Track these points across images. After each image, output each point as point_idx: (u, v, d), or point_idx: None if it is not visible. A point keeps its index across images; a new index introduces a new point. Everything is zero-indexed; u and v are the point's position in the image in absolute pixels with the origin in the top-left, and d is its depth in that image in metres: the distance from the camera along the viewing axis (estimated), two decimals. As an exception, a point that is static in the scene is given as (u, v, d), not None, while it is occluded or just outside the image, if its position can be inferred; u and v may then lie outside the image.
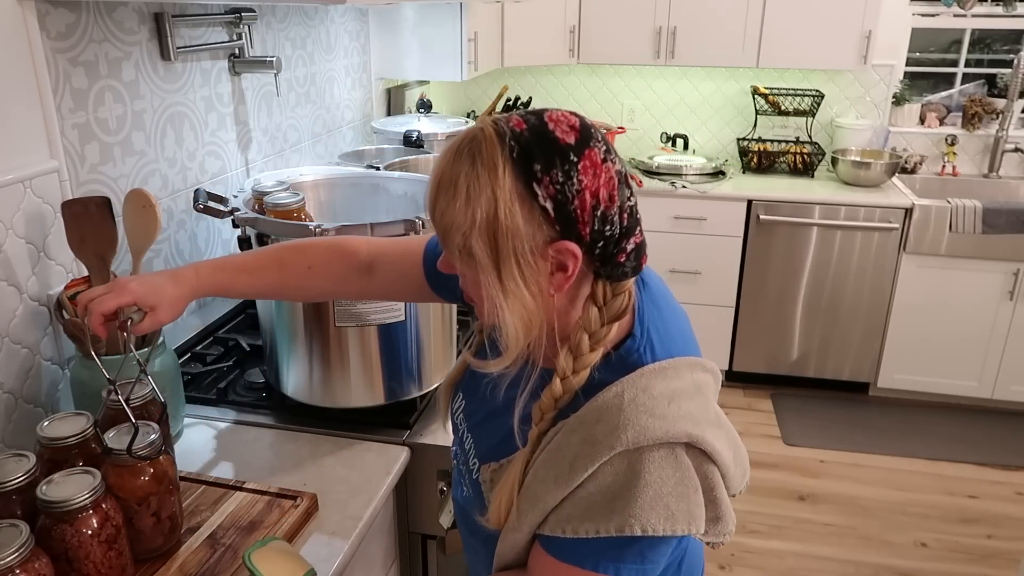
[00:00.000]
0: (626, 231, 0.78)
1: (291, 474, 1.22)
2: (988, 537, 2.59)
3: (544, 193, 0.74)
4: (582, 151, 0.75)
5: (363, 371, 1.30)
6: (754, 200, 3.22)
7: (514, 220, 0.74)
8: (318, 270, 1.06)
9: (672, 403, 0.79)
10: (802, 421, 3.25)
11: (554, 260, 0.77)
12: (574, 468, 0.78)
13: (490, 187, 0.74)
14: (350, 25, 2.40)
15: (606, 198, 0.76)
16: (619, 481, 0.77)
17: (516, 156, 0.74)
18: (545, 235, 0.76)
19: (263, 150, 1.96)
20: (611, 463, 0.77)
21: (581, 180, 0.74)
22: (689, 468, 0.79)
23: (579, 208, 0.75)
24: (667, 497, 0.77)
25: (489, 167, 0.74)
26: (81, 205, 1.21)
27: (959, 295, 3.16)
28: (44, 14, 1.24)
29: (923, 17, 3.50)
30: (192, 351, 1.58)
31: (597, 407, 0.79)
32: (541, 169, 0.74)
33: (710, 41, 3.27)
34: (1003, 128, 3.41)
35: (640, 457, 0.77)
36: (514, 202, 0.74)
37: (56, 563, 0.85)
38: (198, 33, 1.66)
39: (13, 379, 1.21)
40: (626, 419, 0.77)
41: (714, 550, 0.91)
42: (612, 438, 0.77)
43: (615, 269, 0.79)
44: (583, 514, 0.79)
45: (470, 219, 0.75)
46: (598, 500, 0.78)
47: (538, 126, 0.76)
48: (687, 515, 0.79)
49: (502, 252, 0.75)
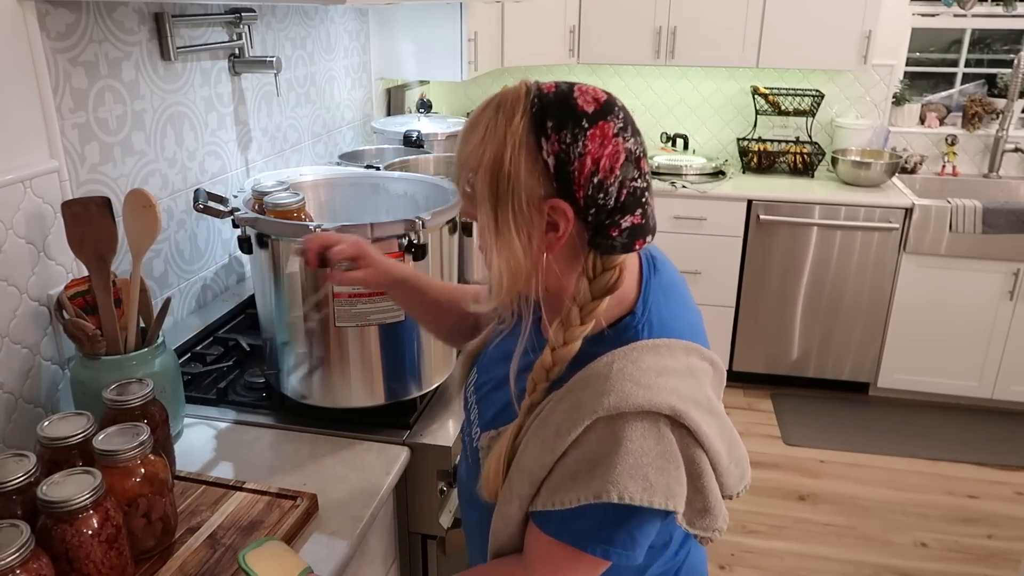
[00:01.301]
0: (623, 207, 0.80)
1: (291, 474, 1.22)
2: (988, 537, 2.59)
3: (549, 148, 0.78)
4: (596, 121, 0.79)
5: (363, 371, 1.30)
6: (754, 200, 3.22)
7: (517, 167, 0.79)
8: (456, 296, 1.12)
9: (660, 377, 0.80)
10: (802, 421, 3.25)
11: (549, 218, 0.81)
12: (559, 433, 0.81)
13: (504, 132, 0.79)
14: (350, 25, 2.40)
15: (606, 167, 0.79)
16: (601, 448, 0.79)
17: (534, 111, 0.79)
18: (543, 190, 0.80)
19: (263, 150, 1.96)
20: (594, 429, 0.80)
21: (586, 145, 0.78)
22: (672, 444, 0.80)
23: (578, 170, 0.78)
24: (646, 468, 0.79)
25: (508, 115, 0.79)
26: (81, 205, 1.21)
27: (959, 295, 3.16)
28: (44, 14, 1.24)
29: (923, 17, 3.50)
30: (192, 351, 1.58)
31: (586, 375, 0.82)
32: (552, 127, 0.78)
33: (710, 41, 3.27)
34: (1003, 128, 3.41)
35: (622, 425, 0.79)
36: (521, 151, 0.79)
37: (56, 563, 0.85)
38: (198, 33, 1.66)
39: (13, 379, 1.21)
40: (611, 386, 0.79)
41: (704, 546, 0.95)
42: (595, 402, 0.79)
43: (605, 241, 0.81)
44: (567, 483, 0.81)
45: (479, 158, 0.80)
46: (581, 468, 0.80)
47: (564, 92, 0.80)
48: (665, 489, 0.80)
49: (501, 195, 0.80)
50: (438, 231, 1.30)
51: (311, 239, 1.06)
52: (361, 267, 1.05)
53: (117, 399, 1.06)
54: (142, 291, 1.27)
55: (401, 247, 1.22)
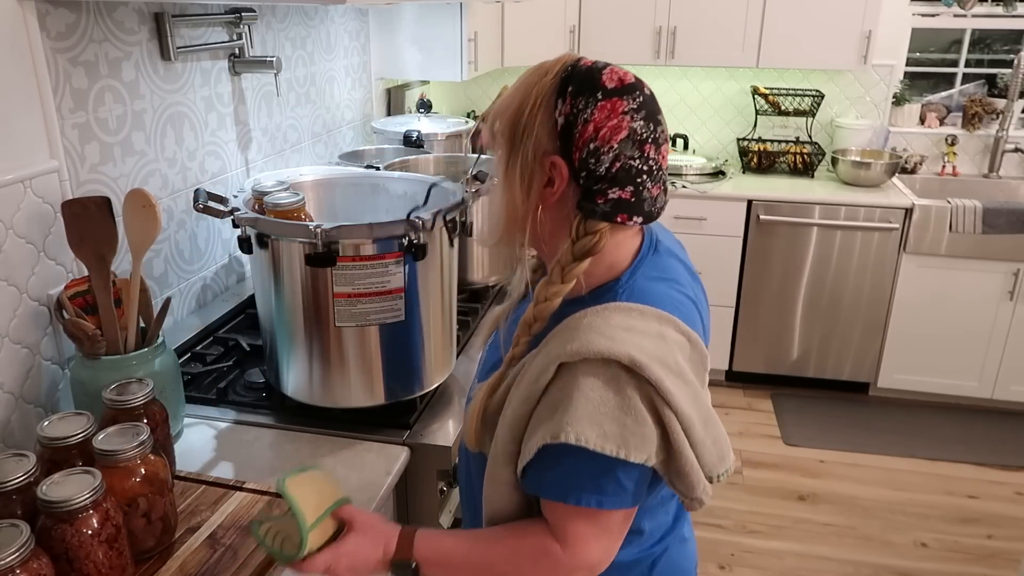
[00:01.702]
0: (612, 178, 0.86)
1: (291, 474, 1.22)
2: (988, 537, 2.59)
3: (562, 109, 0.86)
4: (611, 96, 0.85)
5: (363, 371, 1.30)
6: (754, 200, 3.22)
7: (533, 120, 0.87)
8: None
9: (625, 332, 0.83)
10: (802, 421, 3.25)
11: (548, 173, 0.88)
12: (532, 383, 0.87)
13: (532, 87, 0.88)
14: (350, 25, 2.40)
15: (604, 137, 0.85)
16: (561, 394, 0.84)
17: (563, 77, 0.87)
18: (548, 146, 0.87)
19: (263, 150, 1.96)
20: (559, 376, 0.85)
21: (593, 114, 0.85)
22: (633, 398, 0.82)
23: (579, 133, 0.85)
24: (602, 416, 0.82)
25: (541, 74, 0.88)
26: (81, 205, 1.21)
27: (959, 295, 3.16)
28: (44, 14, 1.24)
29: (923, 17, 3.50)
30: (192, 351, 1.58)
31: (557, 329, 0.88)
32: (572, 92, 0.86)
33: (710, 41, 3.27)
34: (1003, 128, 3.41)
35: (584, 372, 0.83)
36: (540, 106, 0.87)
37: (56, 563, 0.85)
38: (198, 33, 1.66)
39: (13, 379, 1.21)
40: (576, 335, 0.84)
41: (689, 511, 0.94)
42: (560, 349, 0.84)
43: (590, 205, 0.87)
44: (535, 429, 0.86)
45: (505, 105, 0.90)
46: (544, 414, 0.86)
47: (596, 67, 0.88)
48: (619, 438, 0.82)
49: (515, 141, 0.88)
50: (438, 231, 1.30)
51: None
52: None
53: (117, 399, 1.06)
54: (142, 291, 1.27)
55: (401, 247, 1.22)
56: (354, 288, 1.23)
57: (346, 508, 0.96)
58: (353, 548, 0.93)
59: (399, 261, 1.23)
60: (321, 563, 0.91)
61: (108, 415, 1.06)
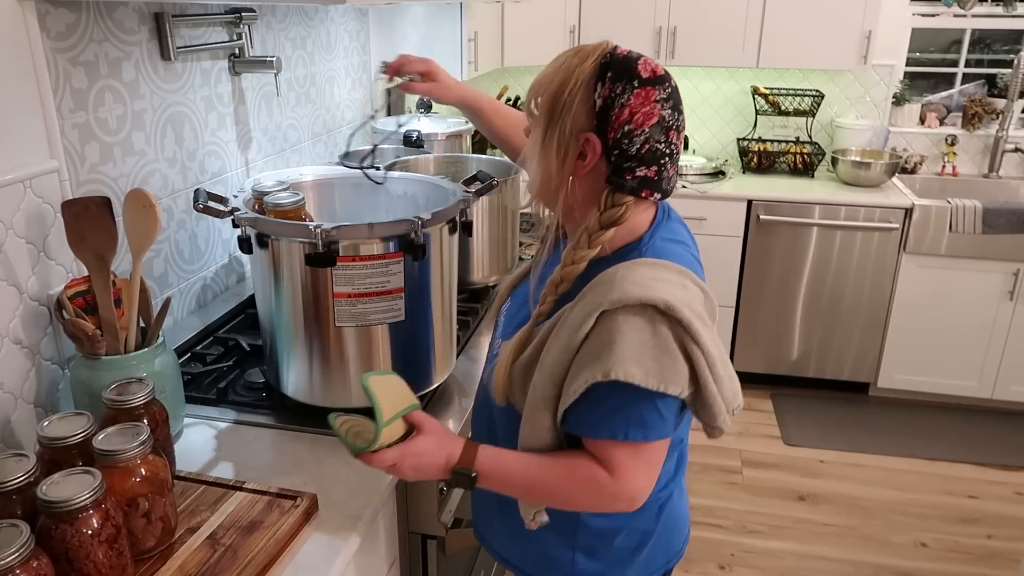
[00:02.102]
0: (640, 158, 0.97)
1: (291, 474, 1.22)
2: (988, 537, 2.59)
3: (601, 92, 0.96)
4: (645, 85, 0.96)
5: (363, 371, 1.30)
6: (754, 200, 3.22)
7: (572, 99, 0.97)
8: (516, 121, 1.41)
9: (655, 282, 0.94)
10: (802, 421, 3.25)
11: (581, 148, 0.98)
12: (573, 330, 0.95)
13: (573, 69, 0.97)
14: (350, 25, 2.40)
15: (638, 121, 0.95)
16: (604, 338, 0.93)
17: (602, 63, 0.97)
18: (584, 123, 0.97)
19: (263, 150, 1.96)
20: (599, 323, 0.94)
21: (629, 99, 0.95)
22: (668, 338, 0.93)
23: (616, 115, 0.95)
24: (643, 355, 0.92)
25: (582, 58, 0.98)
26: (81, 205, 1.21)
27: (959, 295, 3.16)
28: (44, 14, 1.24)
29: (923, 17, 3.50)
30: (192, 351, 1.58)
31: (593, 283, 0.97)
32: (610, 78, 0.96)
33: (710, 41, 3.27)
34: (1003, 128, 3.41)
35: (624, 317, 0.93)
36: (580, 87, 0.96)
37: (56, 563, 0.85)
38: (198, 33, 1.66)
39: (13, 379, 1.21)
40: (614, 286, 0.94)
41: (711, 438, 1.03)
42: (600, 298, 0.94)
43: (619, 179, 0.98)
44: (579, 373, 0.95)
45: (546, 83, 0.99)
46: (588, 358, 0.94)
47: (632, 57, 0.98)
48: (659, 374, 0.93)
49: (554, 117, 0.98)
50: (438, 231, 1.30)
51: (396, 59, 1.36)
52: (428, 81, 1.34)
53: (117, 399, 1.06)
54: (142, 291, 1.27)
55: (401, 246, 1.22)
56: (354, 288, 1.23)
57: (417, 413, 1.04)
58: (420, 449, 1.01)
59: (399, 261, 1.23)
60: (389, 458, 1.00)
61: (108, 415, 1.06)
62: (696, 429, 1.09)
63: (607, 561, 1.15)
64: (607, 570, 1.15)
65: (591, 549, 1.14)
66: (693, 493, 2.78)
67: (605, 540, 1.13)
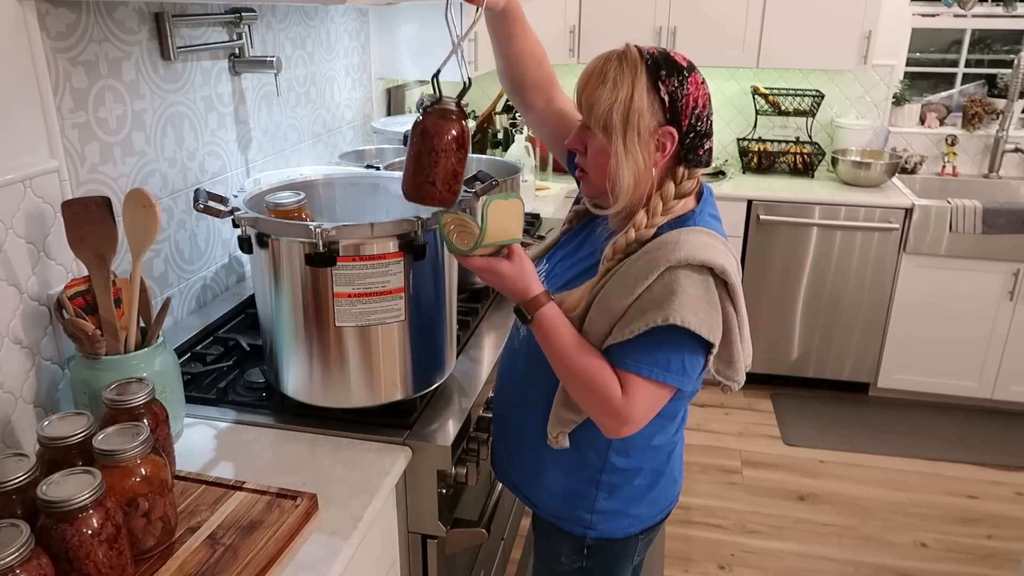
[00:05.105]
0: (707, 133, 1.13)
1: (291, 474, 1.22)
2: (988, 537, 2.59)
3: (665, 89, 1.09)
4: (692, 72, 1.12)
5: (363, 371, 1.30)
6: (754, 200, 3.22)
7: (642, 104, 1.08)
8: (537, 55, 1.39)
9: (710, 248, 1.10)
10: (802, 421, 3.25)
11: (659, 141, 1.11)
12: (638, 279, 1.09)
13: (631, 79, 1.09)
14: (350, 25, 2.40)
15: (702, 104, 1.11)
16: (666, 290, 1.07)
17: (650, 64, 1.09)
18: (657, 120, 1.10)
19: (263, 150, 1.96)
20: (662, 277, 1.07)
21: (688, 87, 1.10)
22: (715, 296, 1.09)
23: (684, 105, 1.10)
24: (698, 308, 1.07)
25: (631, 67, 1.09)
26: (81, 205, 1.21)
27: (959, 295, 3.16)
28: (44, 14, 1.24)
29: (923, 17, 3.50)
30: (192, 351, 1.58)
31: (659, 241, 1.11)
32: (665, 74, 1.09)
33: (710, 41, 3.27)
34: (1003, 128, 3.41)
35: (685, 273, 1.07)
36: (644, 92, 1.09)
37: (56, 563, 0.85)
38: (198, 33, 1.66)
39: (13, 379, 1.21)
40: (679, 246, 1.08)
41: (725, 393, 1.23)
42: (669, 255, 1.08)
43: (695, 157, 1.14)
44: (639, 316, 1.08)
45: (614, 99, 1.09)
46: (649, 305, 1.08)
47: (664, 52, 1.12)
48: (709, 325, 1.08)
49: (631, 124, 1.09)
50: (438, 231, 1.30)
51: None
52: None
53: (117, 399, 1.06)
54: (142, 291, 1.27)
55: (401, 246, 1.22)
56: (354, 288, 1.23)
57: (516, 245, 1.15)
58: (501, 271, 1.13)
59: (399, 261, 1.23)
60: (475, 265, 1.13)
61: (108, 415, 1.06)
62: (700, 418, 1.15)
63: (623, 499, 1.29)
64: (622, 507, 1.29)
65: (612, 487, 1.28)
66: (693, 493, 2.78)
67: (626, 478, 1.28)
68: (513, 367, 1.35)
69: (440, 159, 1.14)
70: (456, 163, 1.15)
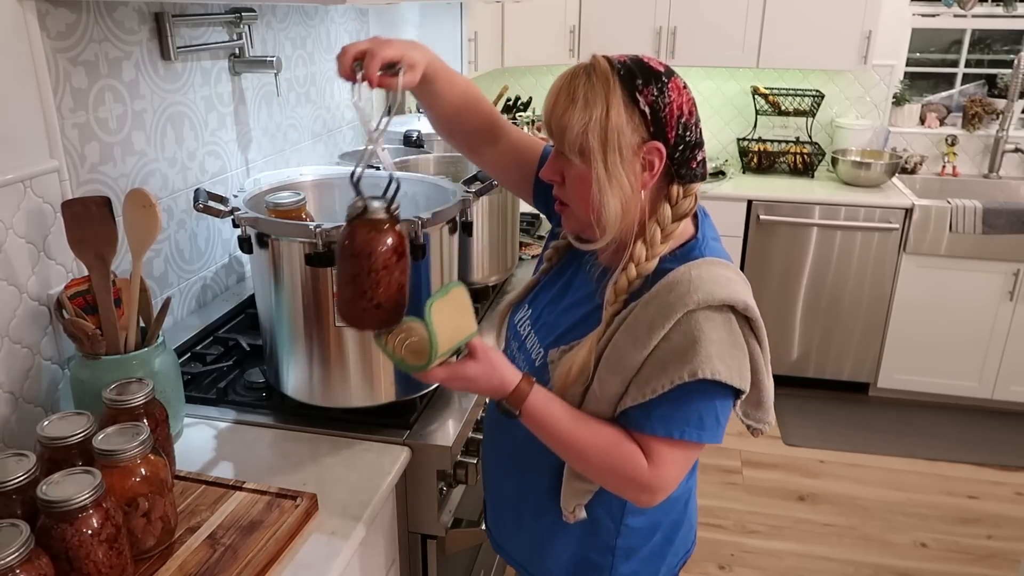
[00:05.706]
0: (698, 143, 0.99)
1: (291, 474, 1.22)
2: (988, 537, 2.59)
3: (644, 100, 0.95)
4: (670, 76, 0.97)
5: (363, 371, 1.30)
6: (754, 200, 3.22)
7: (620, 120, 0.94)
8: (470, 102, 1.17)
9: (729, 282, 0.97)
10: (802, 421, 3.25)
11: (645, 159, 0.97)
12: (652, 329, 0.95)
13: (604, 95, 0.94)
14: (350, 25, 2.40)
15: (687, 112, 0.97)
16: (687, 339, 0.94)
17: (623, 74, 0.95)
18: (640, 136, 0.96)
19: (263, 150, 1.96)
20: (680, 323, 0.94)
21: (670, 95, 0.96)
22: (740, 336, 0.96)
23: (668, 115, 0.96)
24: (725, 354, 0.94)
25: (603, 81, 0.95)
26: (81, 205, 1.21)
27: (959, 295, 3.16)
28: (44, 14, 1.24)
29: (923, 17, 3.50)
30: (192, 351, 1.58)
31: (668, 282, 0.97)
32: (642, 83, 0.95)
33: (710, 41, 3.27)
34: (1003, 128, 3.41)
35: (706, 316, 0.94)
36: (621, 107, 0.94)
37: (56, 563, 0.85)
38: (198, 33, 1.66)
39: (13, 379, 1.21)
40: (695, 286, 0.94)
41: (755, 436, 1.08)
42: (686, 298, 0.94)
43: (688, 171, 0.99)
44: (658, 373, 0.95)
45: (587, 118, 0.95)
46: (670, 357, 0.94)
47: (636, 59, 0.98)
48: (739, 371, 0.95)
49: (610, 145, 0.95)
50: (438, 231, 1.30)
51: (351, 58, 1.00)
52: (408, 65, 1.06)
53: (117, 399, 1.06)
54: (142, 291, 1.27)
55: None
56: (354, 288, 1.22)
57: (475, 339, 1.02)
58: (469, 375, 1.00)
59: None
60: (438, 377, 1.00)
61: (108, 415, 1.06)
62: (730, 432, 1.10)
63: (642, 561, 1.16)
64: (641, 568, 1.16)
65: (630, 550, 1.14)
66: (693, 493, 2.78)
67: (644, 538, 1.15)
68: (500, 427, 1.19)
69: (381, 279, 0.96)
70: (400, 275, 0.98)
